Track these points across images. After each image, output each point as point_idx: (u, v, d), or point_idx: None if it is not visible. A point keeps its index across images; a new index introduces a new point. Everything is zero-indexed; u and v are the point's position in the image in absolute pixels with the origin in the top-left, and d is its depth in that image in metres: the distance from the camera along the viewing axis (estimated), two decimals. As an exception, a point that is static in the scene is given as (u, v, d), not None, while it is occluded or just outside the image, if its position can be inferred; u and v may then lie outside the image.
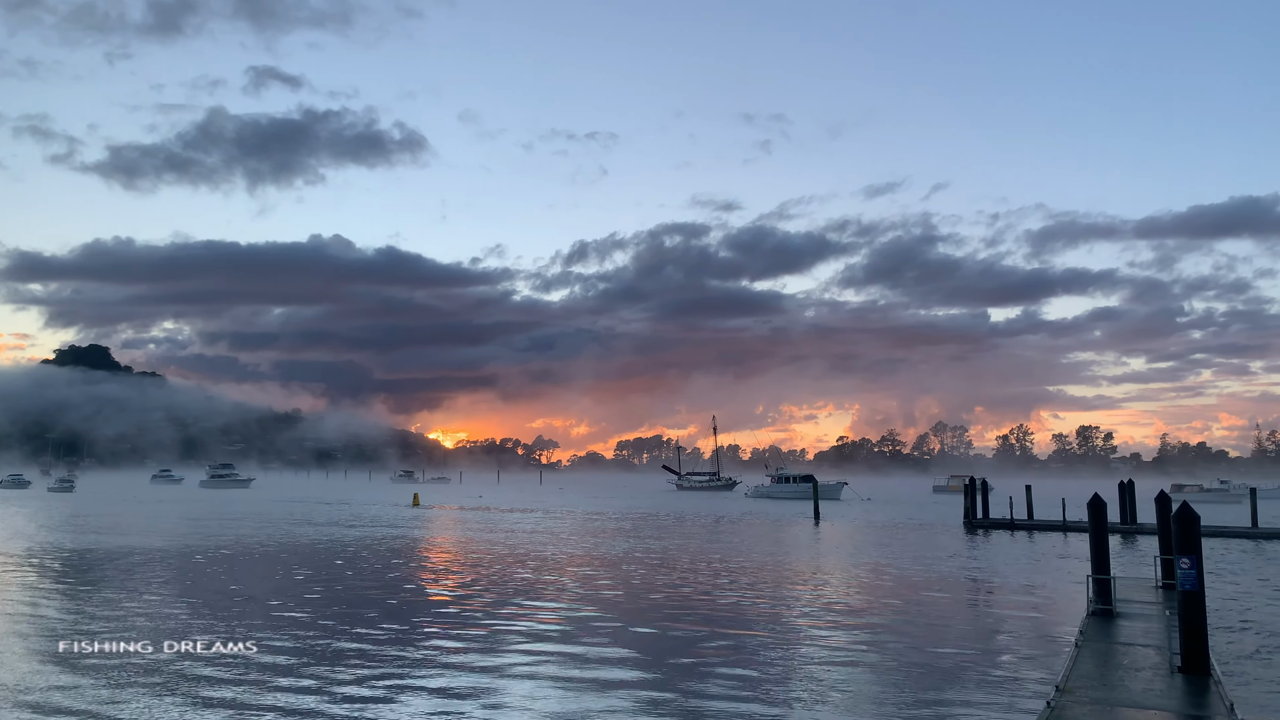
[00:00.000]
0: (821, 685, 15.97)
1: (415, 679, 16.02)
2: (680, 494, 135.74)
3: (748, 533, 55.65)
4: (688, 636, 20.44)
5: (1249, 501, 59.62)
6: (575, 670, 16.86)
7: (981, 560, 39.75)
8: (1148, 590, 24.76)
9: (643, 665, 17.35)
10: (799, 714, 14.11)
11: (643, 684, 15.85)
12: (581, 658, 17.97)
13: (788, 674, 16.79)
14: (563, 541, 47.25)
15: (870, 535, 54.43)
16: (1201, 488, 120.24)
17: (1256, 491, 63.35)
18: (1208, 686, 13.70)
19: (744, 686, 15.73)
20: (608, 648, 18.97)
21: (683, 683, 15.95)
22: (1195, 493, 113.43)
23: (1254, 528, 53.33)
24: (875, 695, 15.40)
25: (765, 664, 17.60)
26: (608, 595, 27.06)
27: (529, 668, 17.02)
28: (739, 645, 19.50)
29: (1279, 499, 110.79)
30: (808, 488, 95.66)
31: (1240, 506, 77.41)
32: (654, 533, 54.53)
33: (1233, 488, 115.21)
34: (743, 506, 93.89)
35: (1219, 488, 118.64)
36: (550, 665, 17.25)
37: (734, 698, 14.97)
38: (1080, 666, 15.11)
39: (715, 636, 20.48)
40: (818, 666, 17.51)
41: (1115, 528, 52.67)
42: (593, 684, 15.82)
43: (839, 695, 15.30)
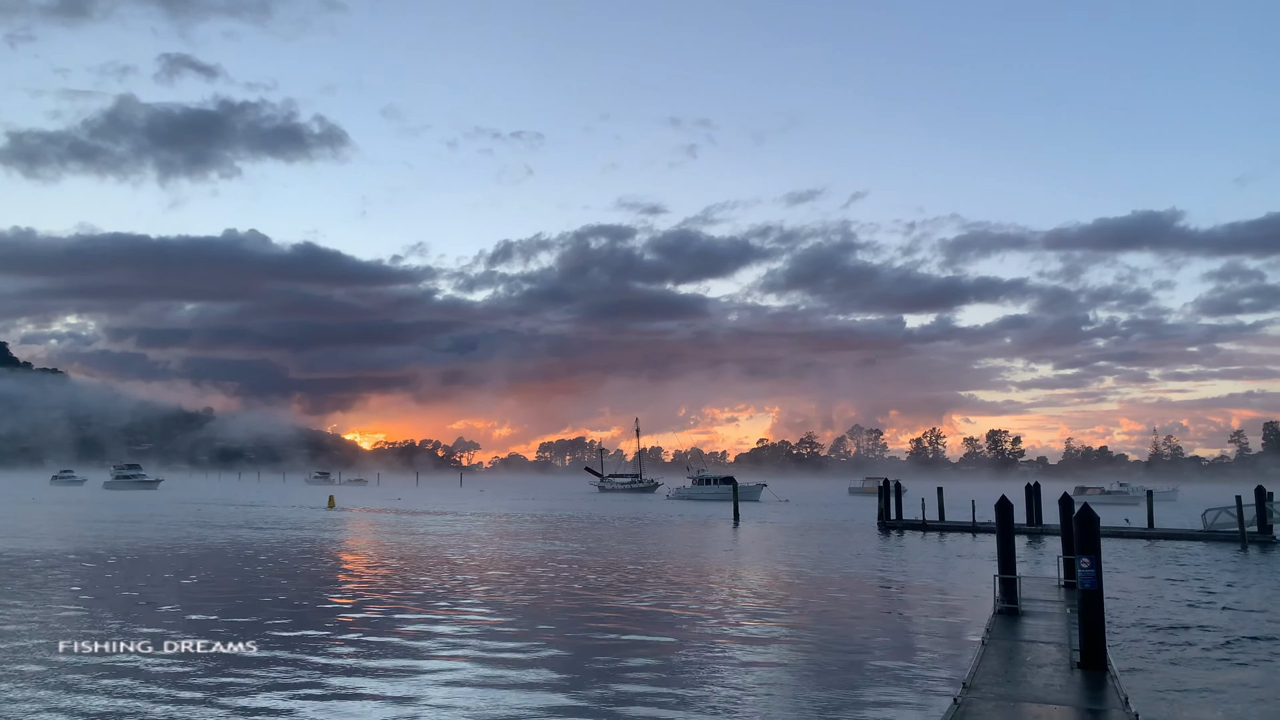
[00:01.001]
0: (736, 686, 16.06)
1: (315, 687, 15.57)
2: (602, 496, 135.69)
3: (667, 534, 55.88)
4: (602, 639, 20.37)
5: (1146, 503, 62.29)
6: (487, 673, 16.62)
7: (894, 560, 40.64)
8: (1051, 589, 25.60)
9: (556, 668, 17.21)
10: (712, 715, 14.16)
11: (556, 688, 15.71)
12: (494, 662, 17.74)
13: (702, 676, 16.85)
14: (480, 544, 46.74)
15: (787, 536, 55.18)
16: (1103, 490, 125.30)
17: (1153, 494, 66.21)
18: (1105, 681, 14.20)
19: (658, 689, 15.73)
20: (521, 652, 18.76)
21: (596, 687, 15.87)
22: (1096, 495, 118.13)
23: (1150, 528, 55.73)
24: (788, 695, 15.56)
25: (680, 667, 17.63)
26: (522, 598, 26.82)
27: (439, 674, 16.71)
28: (655, 647, 19.50)
29: (1172, 501, 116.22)
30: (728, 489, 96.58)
31: (1138, 508, 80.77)
32: (573, 535, 54.36)
33: (1131, 490, 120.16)
34: (663, 508, 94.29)
35: (1118, 490, 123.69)
36: (463, 668, 16.97)
37: (648, 701, 14.95)
38: (986, 664, 15.52)
39: (630, 638, 20.45)
40: (733, 667, 17.62)
41: (1021, 529, 54.38)
42: (505, 688, 15.62)
43: (752, 697, 15.41)
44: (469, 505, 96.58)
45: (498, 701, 14.70)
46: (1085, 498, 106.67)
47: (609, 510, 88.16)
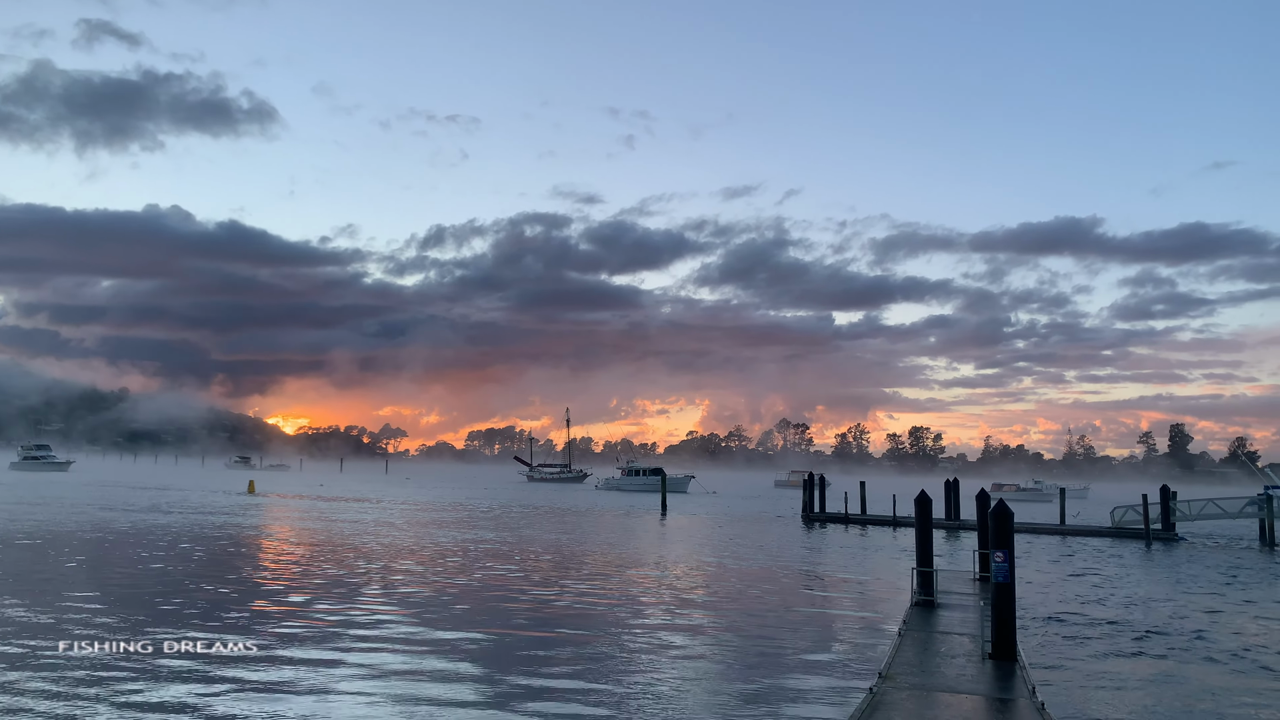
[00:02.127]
0: (656, 677, 16.14)
1: (215, 680, 15.18)
2: (530, 485, 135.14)
3: (594, 525, 55.91)
4: (523, 630, 20.28)
5: (1059, 501, 64.48)
6: (402, 665, 16.41)
7: (817, 553, 41.33)
8: (966, 582, 26.31)
9: (474, 660, 17.08)
10: (630, 705, 14.20)
11: (473, 680, 15.58)
12: (409, 654, 17.51)
13: (623, 667, 16.90)
14: (402, 532, 46.13)
15: (714, 527, 55.69)
16: (1018, 487, 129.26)
17: (1065, 491, 68.56)
18: (1014, 671, 14.64)
19: (578, 681, 15.71)
20: (438, 644, 18.55)
21: (515, 679, 15.79)
22: (1012, 492, 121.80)
23: (1061, 525, 57.70)
24: (709, 685, 15.69)
25: (601, 658, 17.64)
26: (441, 588, 26.54)
27: (350, 665, 16.43)
28: (576, 639, 19.49)
29: (1084, 499, 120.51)
30: (656, 480, 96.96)
31: (1051, 505, 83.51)
32: (499, 524, 54.03)
33: (1045, 488, 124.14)
34: (591, 498, 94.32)
35: (1033, 488, 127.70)
36: (376, 660, 16.72)
37: (567, 693, 14.93)
38: (902, 654, 15.87)
39: (552, 629, 20.41)
40: (654, 658, 17.70)
41: (940, 523, 55.78)
42: (421, 681, 15.43)
43: (672, 687, 15.50)
44: (394, 493, 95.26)
45: (413, 694, 14.51)
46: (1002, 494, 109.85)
47: (536, 500, 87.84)
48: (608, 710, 13.85)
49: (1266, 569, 38.54)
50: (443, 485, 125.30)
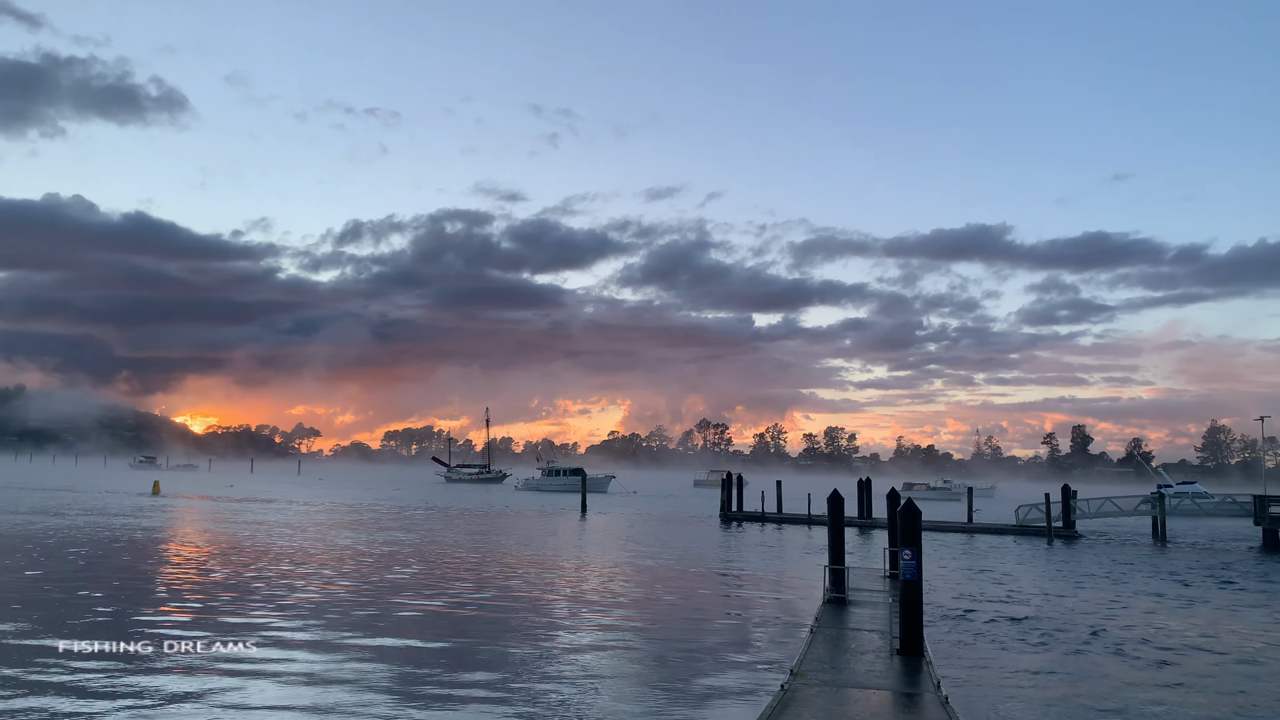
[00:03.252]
0: (572, 676, 16.08)
1: (99, 693, 14.59)
2: (448, 486, 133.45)
3: (513, 525, 55.49)
4: (437, 630, 20.00)
5: (966, 500, 66.45)
6: (309, 669, 16.01)
7: (733, 551, 41.77)
8: (877, 579, 26.89)
9: (386, 662, 16.76)
10: (543, 706, 14.11)
11: (385, 682, 15.29)
12: (318, 659, 17.10)
13: (538, 667, 16.78)
14: (311, 535, 45.05)
15: (633, 527, 55.82)
16: (928, 486, 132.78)
17: (973, 491, 70.68)
18: (920, 666, 15.01)
19: (493, 680, 15.56)
20: (348, 648, 18.16)
21: (429, 680, 15.55)
22: (923, 491, 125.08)
23: (969, 523, 59.47)
24: (624, 684, 15.69)
25: (516, 658, 17.49)
26: (354, 591, 26.00)
27: (254, 672, 15.97)
28: (491, 638, 19.29)
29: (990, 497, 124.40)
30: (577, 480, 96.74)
31: (959, 503, 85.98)
32: (413, 526, 53.19)
33: (954, 487, 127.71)
34: (511, 499, 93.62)
35: (942, 487, 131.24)
36: (283, 666, 16.28)
37: (482, 694, 14.76)
38: (813, 651, 16.12)
39: (467, 629, 20.17)
40: (570, 657, 17.62)
41: (852, 521, 57.01)
42: (330, 685, 15.08)
43: (587, 687, 15.46)
44: (307, 494, 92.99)
45: (321, 700, 14.16)
46: (912, 493, 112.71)
47: (454, 501, 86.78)
48: (520, 712, 13.72)
49: (1158, 564, 40.34)
50: (357, 486, 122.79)
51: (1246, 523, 55.75)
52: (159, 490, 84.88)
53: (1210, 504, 60.36)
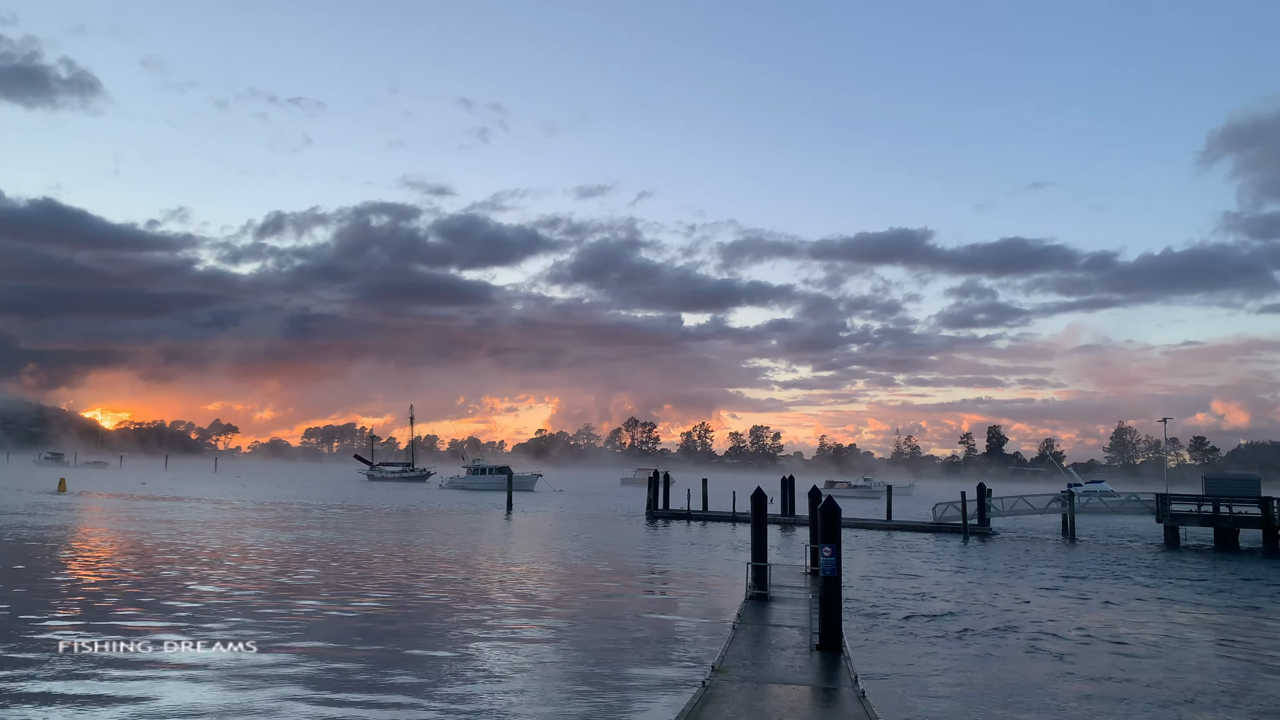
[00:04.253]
0: (496, 676, 15.97)
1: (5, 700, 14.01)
2: (371, 485, 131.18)
3: (437, 524, 54.83)
4: (359, 630, 19.66)
5: (886, 498, 67.95)
6: (224, 670, 15.60)
7: (658, 549, 41.98)
8: (799, 576, 27.32)
9: (306, 664, 16.42)
10: (464, 704, 14.00)
11: (304, 684, 14.98)
12: (232, 661, 16.67)
13: (462, 666, 16.63)
14: (227, 534, 43.84)
15: (559, 525, 55.66)
16: (849, 485, 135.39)
17: (892, 489, 72.29)
18: (839, 661, 15.31)
19: (417, 679, 15.37)
20: (263, 650, 17.75)
21: (352, 679, 15.29)
22: (844, 489, 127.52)
23: (888, 520, 60.81)
24: (548, 682, 15.65)
25: (440, 658, 17.31)
26: (270, 592, 25.40)
27: (163, 678, 15.50)
28: (415, 638, 19.05)
29: (909, 495, 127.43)
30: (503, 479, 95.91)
31: (879, 501, 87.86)
32: (334, 525, 52.17)
33: (874, 485, 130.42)
34: (435, 498, 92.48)
35: (863, 485, 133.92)
36: (196, 669, 15.83)
37: (405, 692, 14.57)
38: (735, 647, 16.32)
39: (389, 629, 19.87)
40: (494, 657, 17.50)
41: (776, 519, 57.79)
42: (246, 689, 14.71)
43: (511, 686, 15.38)
44: (223, 492, 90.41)
45: (236, 705, 13.81)
46: (834, 491, 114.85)
47: (376, 500, 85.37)
48: (439, 713, 13.58)
49: (1067, 560, 41.82)
50: (277, 484, 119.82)
51: (1149, 520, 58.13)
52: (65, 488, 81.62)
53: (1116, 502, 62.73)
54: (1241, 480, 59.87)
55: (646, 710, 14.08)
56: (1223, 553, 47.86)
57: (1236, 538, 51.93)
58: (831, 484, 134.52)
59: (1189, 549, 49.52)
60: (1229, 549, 49.51)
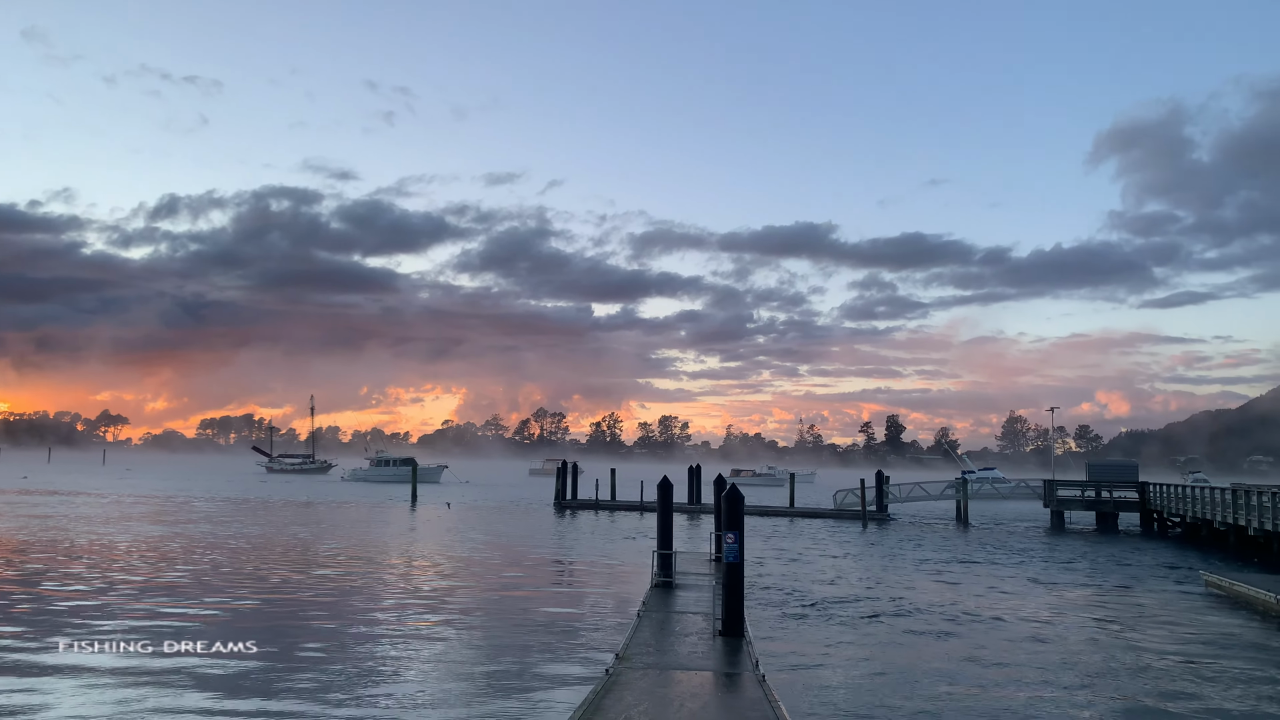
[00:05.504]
0: (401, 669, 15.71)
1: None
2: (270, 477, 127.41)
3: (338, 517, 53.62)
4: (257, 627, 19.08)
5: (788, 485, 69.34)
6: (116, 666, 14.94)
7: (566, 539, 41.94)
8: (704, 563, 27.63)
9: (202, 662, 15.85)
10: (366, 697, 13.73)
11: (199, 684, 14.46)
12: (125, 657, 15.99)
13: (367, 661, 16.30)
14: (115, 528, 42.00)
15: (465, 517, 55.07)
16: (754, 473, 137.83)
17: (795, 477, 73.80)
18: (740, 647, 15.53)
19: (319, 676, 14.99)
20: (155, 647, 17.06)
21: (250, 677, 14.82)
22: (749, 477, 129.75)
23: (791, 507, 62.07)
24: (452, 674, 15.47)
25: (343, 656, 16.93)
26: (162, 588, 24.45)
27: (45, 676, 14.76)
28: (316, 634, 18.59)
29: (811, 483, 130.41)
30: (407, 471, 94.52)
31: (783, 489, 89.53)
32: (233, 518, 50.50)
33: (778, 473, 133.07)
34: (337, 490, 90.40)
35: (767, 473, 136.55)
36: (84, 666, 15.12)
37: (304, 691, 14.20)
38: (639, 635, 16.40)
39: (290, 625, 19.35)
40: (399, 650, 17.21)
41: (682, 508, 58.41)
42: (140, 687, 14.12)
43: (407, 679, 15.15)
44: (112, 485, 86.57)
45: (131, 703, 13.24)
46: (739, 480, 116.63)
47: (275, 492, 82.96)
48: (337, 711, 13.28)
49: (959, 544, 43.40)
50: (169, 477, 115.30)
51: (1038, 505, 60.81)
52: (-65, 484, 76.93)
53: (1006, 488, 65.46)
54: (1121, 467, 63.14)
55: (550, 701, 14.04)
56: (1103, 535, 50.39)
57: (1116, 521, 54.79)
58: (737, 472, 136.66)
59: (1073, 532, 51.97)
60: (1109, 531, 52.17)
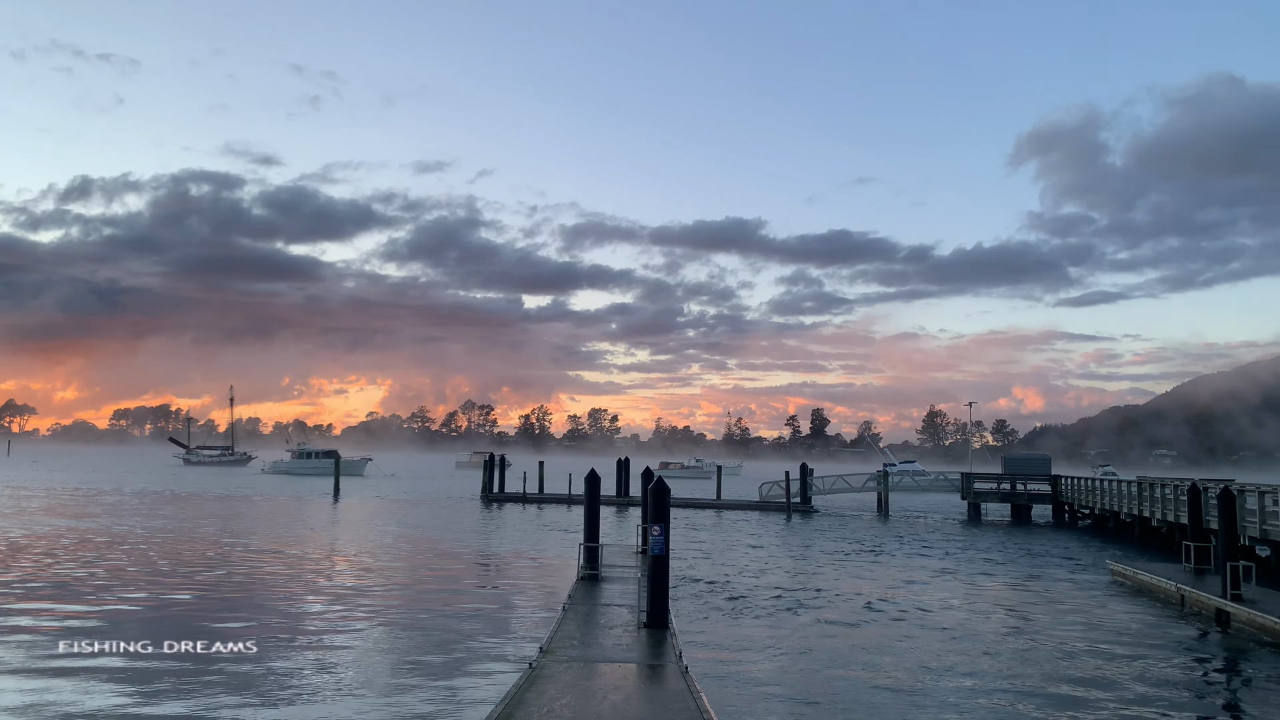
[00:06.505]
0: (324, 664, 15.49)
1: None
2: (186, 469, 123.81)
3: (258, 510, 52.40)
4: (172, 626, 18.60)
5: (716, 478, 70.03)
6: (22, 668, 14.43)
7: (493, 532, 41.72)
8: (630, 556, 27.79)
9: (115, 662, 15.40)
10: (290, 692, 13.52)
11: (113, 685, 14.05)
12: (34, 659, 15.45)
13: (288, 656, 16.02)
14: (20, 522, 40.38)
15: (391, 511, 54.36)
16: (682, 465, 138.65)
17: (721, 469, 74.61)
18: (664, 638, 15.70)
19: (237, 673, 14.70)
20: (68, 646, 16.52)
21: (165, 678, 14.45)
22: (677, 470, 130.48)
23: (718, 500, 62.73)
24: (375, 669, 15.31)
25: (264, 651, 16.60)
26: (72, 584, 23.65)
27: (-45, 674, 14.19)
28: (234, 632, 18.19)
29: (738, 475, 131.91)
30: (330, 464, 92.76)
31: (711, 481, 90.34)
32: (146, 512, 48.96)
33: (705, 466, 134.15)
34: (257, 483, 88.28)
35: (695, 466, 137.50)
36: (-14, 669, 14.57)
37: (225, 689, 13.91)
38: (564, 628, 16.46)
39: (206, 624, 18.90)
40: (322, 645, 16.96)
41: (611, 500, 58.55)
42: (49, 690, 13.67)
43: (328, 674, 14.96)
44: (18, 477, 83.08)
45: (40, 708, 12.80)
46: (667, 472, 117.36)
47: (193, 485, 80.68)
48: (257, 708, 13.05)
49: (880, 535, 44.42)
50: (79, 469, 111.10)
51: (956, 497, 62.56)
52: None
53: (926, 481, 67.16)
54: (1035, 460, 65.31)
55: (473, 696, 14.01)
56: (1017, 526, 52.11)
57: (1030, 513, 56.71)
58: (665, 465, 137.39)
59: (989, 524, 53.62)
60: (1023, 523, 53.99)
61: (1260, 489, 29.75)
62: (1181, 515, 33.03)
